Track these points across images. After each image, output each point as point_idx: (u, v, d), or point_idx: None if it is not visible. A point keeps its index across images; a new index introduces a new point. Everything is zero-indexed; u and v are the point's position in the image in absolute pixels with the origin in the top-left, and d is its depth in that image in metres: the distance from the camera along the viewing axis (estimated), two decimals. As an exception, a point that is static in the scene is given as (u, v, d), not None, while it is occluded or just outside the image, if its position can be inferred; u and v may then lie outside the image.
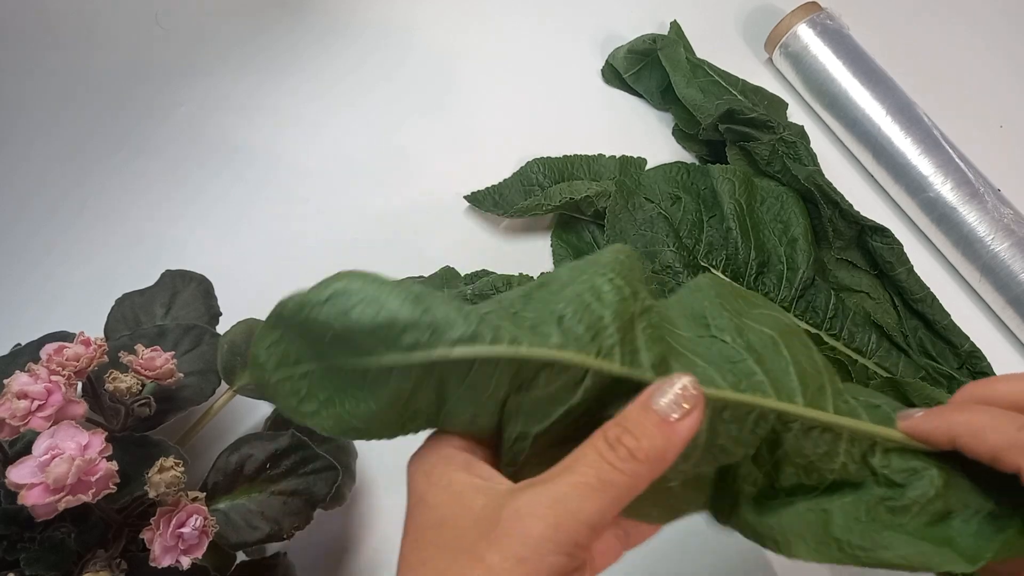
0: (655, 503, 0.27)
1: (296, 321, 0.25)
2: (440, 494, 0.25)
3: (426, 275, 0.50)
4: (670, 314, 0.29)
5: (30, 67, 0.60)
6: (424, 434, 0.27)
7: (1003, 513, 0.26)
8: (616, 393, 0.26)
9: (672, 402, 0.24)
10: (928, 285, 0.50)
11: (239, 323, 0.40)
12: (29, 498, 0.29)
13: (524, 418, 0.26)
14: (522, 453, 0.26)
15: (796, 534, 0.27)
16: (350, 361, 0.25)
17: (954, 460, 0.27)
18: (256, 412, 0.47)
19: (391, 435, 0.26)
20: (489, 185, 0.54)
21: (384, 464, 0.46)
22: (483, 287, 0.48)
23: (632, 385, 0.25)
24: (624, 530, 0.30)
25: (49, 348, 0.34)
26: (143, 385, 0.36)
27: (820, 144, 0.57)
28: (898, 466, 0.28)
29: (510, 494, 0.24)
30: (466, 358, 0.24)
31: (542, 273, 0.49)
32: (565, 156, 0.55)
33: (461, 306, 0.24)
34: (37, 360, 0.33)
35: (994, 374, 0.47)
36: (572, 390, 0.25)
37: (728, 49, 0.62)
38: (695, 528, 0.46)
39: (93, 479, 0.30)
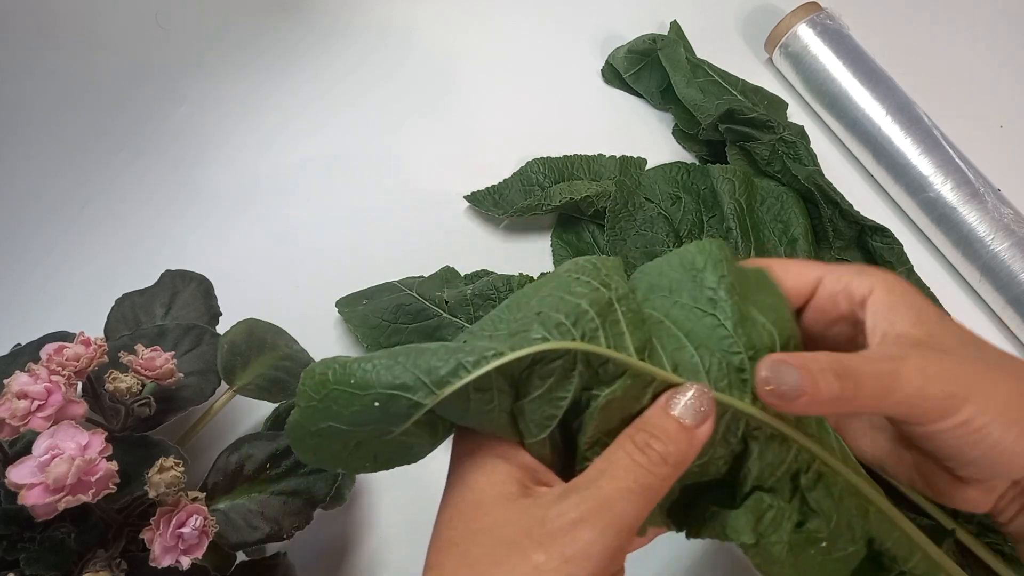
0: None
1: (313, 431, 0.26)
2: (482, 478, 0.26)
3: (426, 275, 0.50)
4: (663, 281, 0.29)
5: (30, 67, 0.60)
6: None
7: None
8: (618, 379, 0.26)
9: (689, 408, 0.26)
10: (928, 285, 0.50)
11: (239, 323, 0.40)
12: (29, 498, 0.29)
13: (532, 424, 0.26)
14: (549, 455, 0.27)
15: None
16: (369, 443, 0.26)
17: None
18: (256, 412, 0.47)
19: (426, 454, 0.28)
20: (489, 185, 0.54)
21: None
22: (483, 287, 0.48)
23: (632, 371, 0.26)
24: None
25: (49, 348, 0.34)
26: (143, 385, 0.36)
27: (820, 144, 0.57)
28: (821, 491, 0.29)
29: (554, 497, 0.25)
30: (458, 391, 0.24)
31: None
32: (565, 156, 0.55)
33: (437, 348, 0.25)
34: (37, 360, 0.33)
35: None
36: (567, 379, 0.26)
37: (728, 49, 0.62)
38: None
39: (93, 479, 0.30)
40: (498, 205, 0.53)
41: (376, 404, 0.25)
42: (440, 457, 0.28)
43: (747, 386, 0.27)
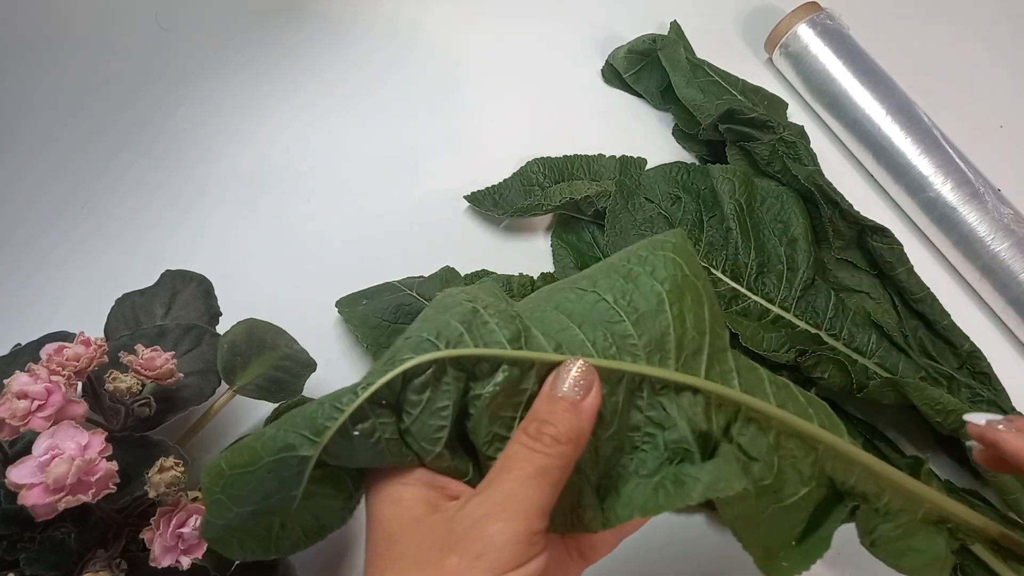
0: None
1: (226, 527, 0.27)
2: (389, 508, 0.27)
3: (426, 275, 0.50)
4: (559, 284, 0.30)
5: (30, 68, 0.60)
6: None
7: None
8: (496, 372, 0.27)
9: (572, 385, 0.27)
10: (928, 285, 0.50)
11: (239, 323, 0.40)
12: (29, 498, 0.29)
13: (424, 442, 0.27)
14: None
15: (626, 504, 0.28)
16: (284, 517, 0.27)
17: None
18: (256, 412, 0.47)
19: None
20: (489, 185, 0.54)
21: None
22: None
23: (507, 360, 0.27)
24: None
25: (49, 348, 0.34)
26: (143, 385, 0.36)
27: (820, 144, 0.57)
28: (753, 437, 0.29)
29: (461, 504, 0.26)
30: (339, 431, 0.26)
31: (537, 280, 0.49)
32: (565, 156, 0.55)
33: (318, 400, 0.26)
34: (37, 360, 0.33)
35: (994, 374, 0.47)
36: (440, 388, 0.27)
37: (728, 49, 0.62)
38: (690, 522, 0.46)
39: (93, 479, 0.30)
40: (498, 205, 0.53)
41: (269, 473, 0.26)
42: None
43: (638, 349, 0.28)
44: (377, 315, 0.47)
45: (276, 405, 0.41)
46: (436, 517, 0.26)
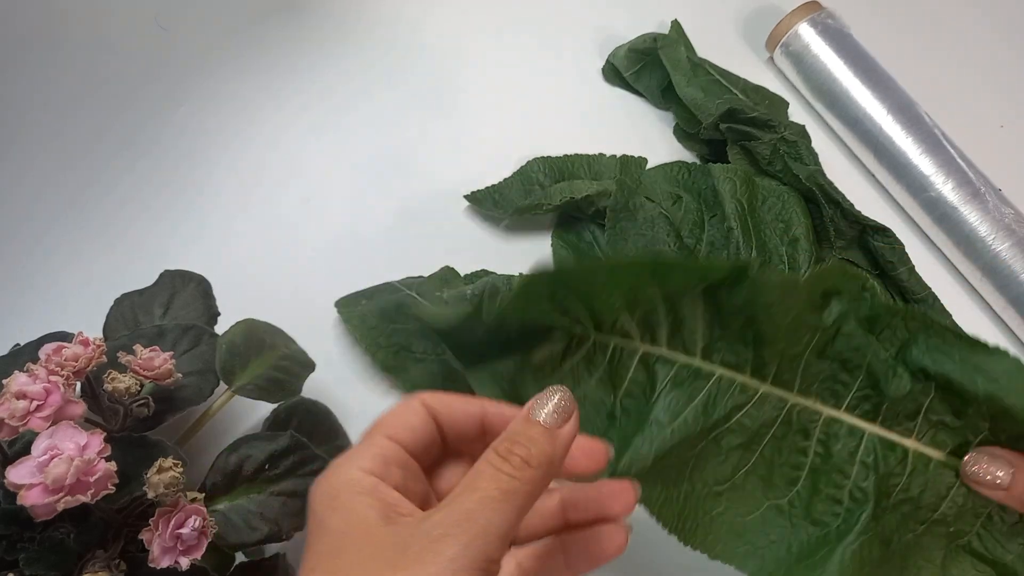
0: None
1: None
2: (340, 520, 0.25)
3: (426, 275, 0.50)
4: None
5: (28, 69, 0.60)
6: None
7: None
8: None
9: (551, 412, 0.26)
10: (929, 285, 0.50)
11: (238, 323, 0.40)
12: (28, 498, 0.29)
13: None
14: None
15: None
16: None
17: None
18: (255, 412, 0.46)
19: None
20: (489, 185, 0.54)
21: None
22: (483, 287, 0.48)
23: None
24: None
25: (48, 348, 0.34)
26: (142, 385, 0.36)
27: (821, 143, 0.57)
28: None
29: (417, 521, 0.24)
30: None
31: None
32: (565, 155, 0.55)
33: None
34: (36, 360, 0.33)
35: (995, 374, 0.47)
36: None
37: (729, 48, 0.62)
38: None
39: (92, 479, 0.30)
40: (498, 205, 0.53)
41: None
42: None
43: None
44: (376, 315, 0.47)
45: (275, 405, 0.41)
46: (388, 529, 0.24)
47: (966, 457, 0.30)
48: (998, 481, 0.29)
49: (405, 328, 0.47)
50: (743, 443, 0.32)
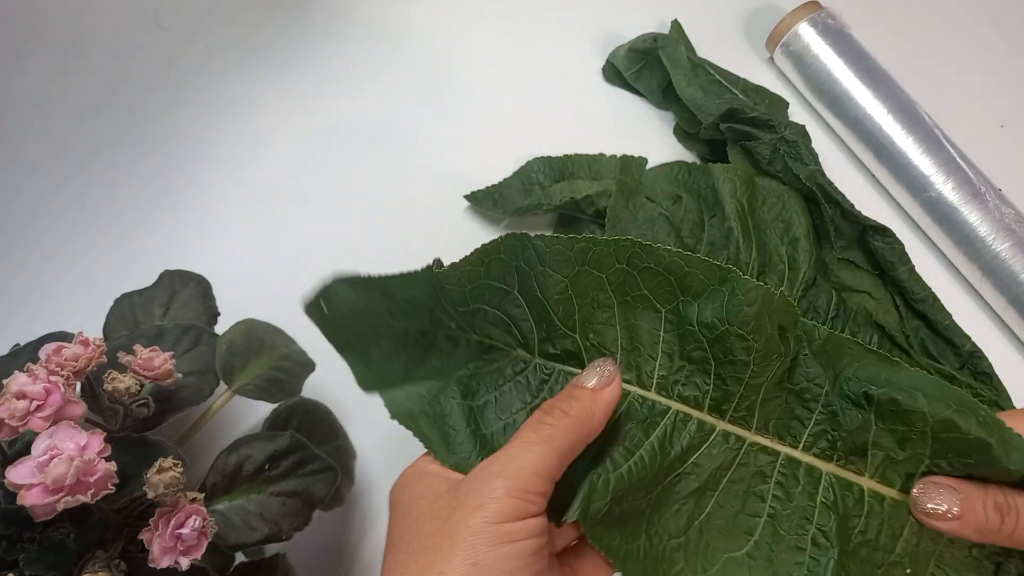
0: None
1: None
2: (409, 491, 0.30)
3: (426, 275, 0.50)
4: None
5: (28, 68, 0.60)
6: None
7: None
8: None
9: (594, 376, 0.29)
10: (929, 285, 0.50)
11: (237, 323, 0.40)
12: (28, 498, 0.29)
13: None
14: None
15: None
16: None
17: None
18: (255, 412, 0.46)
19: None
20: (489, 184, 0.54)
21: (383, 465, 0.46)
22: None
23: None
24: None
25: (48, 348, 0.34)
26: (142, 385, 0.36)
27: (821, 143, 0.57)
28: None
29: (468, 475, 0.29)
30: None
31: None
32: (565, 155, 0.55)
33: None
34: (36, 360, 0.33)
35: (995, 374, 0.47)
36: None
37: (729, 48, 0.62)
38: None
39: (92, 479, 0.30)
40: (498, 205, 0.53)
41: None
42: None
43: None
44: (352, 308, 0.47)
45: (275, 405, 0.41)
46: (447, 487, 0.28)
47: (913, 492, 0.29)
48: (950, 514, 0.28)
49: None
50: (698, 489, 0.30)
